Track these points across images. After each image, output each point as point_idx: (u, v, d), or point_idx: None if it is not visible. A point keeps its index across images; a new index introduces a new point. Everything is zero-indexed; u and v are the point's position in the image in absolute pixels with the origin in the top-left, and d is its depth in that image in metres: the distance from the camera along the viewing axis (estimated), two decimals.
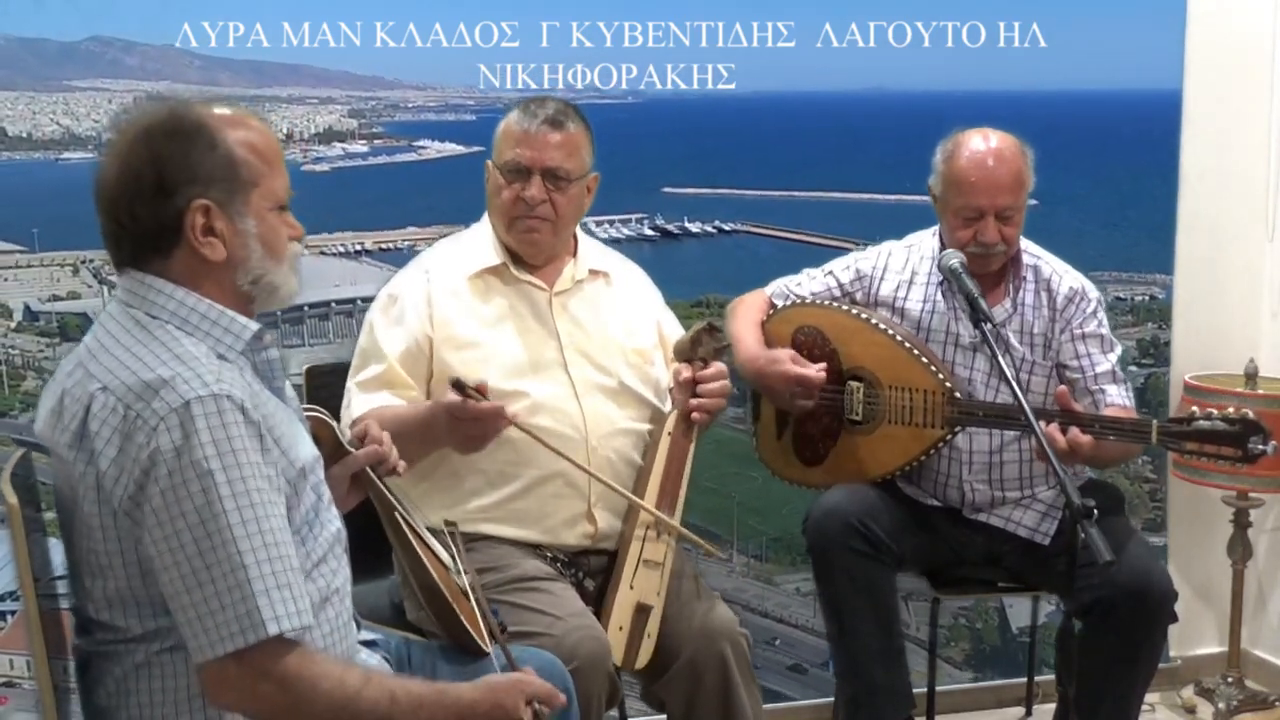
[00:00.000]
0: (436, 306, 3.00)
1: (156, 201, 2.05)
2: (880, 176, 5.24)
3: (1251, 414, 3.01)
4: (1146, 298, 4.98)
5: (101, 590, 2.06)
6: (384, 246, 4.90)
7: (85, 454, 2.00)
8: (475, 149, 5.07)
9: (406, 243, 4.88)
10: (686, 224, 5.27)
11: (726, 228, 5.31)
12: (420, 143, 5.14)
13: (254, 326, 2.13)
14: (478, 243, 3.12)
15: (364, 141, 5.06)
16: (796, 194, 5.25)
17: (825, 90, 4.88)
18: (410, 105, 5.12)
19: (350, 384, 3.02)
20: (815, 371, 3.36)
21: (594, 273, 3.18)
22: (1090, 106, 5.04)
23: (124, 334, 2.07)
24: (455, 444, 2.85)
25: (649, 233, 5.22)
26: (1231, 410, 3.03)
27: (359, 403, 2.96)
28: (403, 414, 2.90)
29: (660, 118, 4.87)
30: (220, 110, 2.13)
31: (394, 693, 2.06)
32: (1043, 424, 2.99)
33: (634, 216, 5.19)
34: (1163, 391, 4.66)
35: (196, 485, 1.93)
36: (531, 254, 3.07)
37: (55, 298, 4.38)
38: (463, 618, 2.46)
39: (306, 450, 2.17)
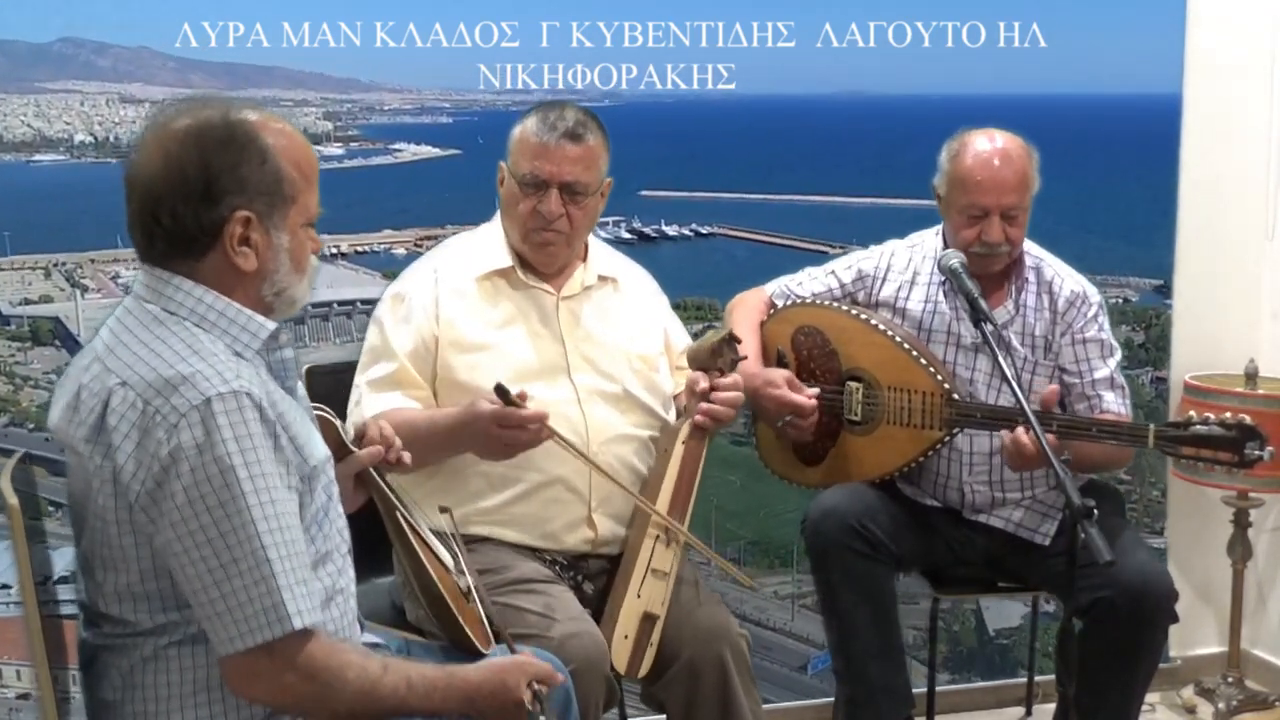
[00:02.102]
0: (443, 306, 2.97)
1: (201, 206, 2.04)
2: (859, 180, 5.27)
3: (1249, 419, 3.01)
4: (1120, 300, 5.02)
5: (113, 584, 2.05)
6: (360, 249, 4.89)
7: (102, 448, 1.99)
8: (451, 151, 5.07)
9: (383, 245, 4.87)
10: (664, 227, 5.30)
11: (703, 231, 5.33)
12: (396, 145, 5.13)
13: (270, 326, 2.13)
14: (488, 244, 3.08)
15: (339, 144, 5.05)
16: (773, 197, 5.28)
17: (804, 94, 4.89)
18: (386, 108, 5.11)
19: (360, 382, 2.98)
20: (808, 399, 3.34)
21: (602, 278, 3.14)
22: (1088, 111, 5.09)
23: (142, 329, 2.06)
24: (484, 451, 2.82)
25: (626, 236, 5.23)
26: (1229, 415, 3.03)
27: (371, 402, 2.92)
28: (422, 418, 2.87)
29: (637, 121, 4.87)
30: (269, 121, 2.13)
31: (410, 678, 2.12)
32: (1045, 435, 3.00)
33: (611, 220, 5.20)
34: (1138, 393, 4.69)
35: (220, 480, 1.94)
36: (546, 264, 3.03)
37: (27, 301, 4.34)
38: (461, 619, 2.45)
39: (319, 449, 2.17)
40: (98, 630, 2.10)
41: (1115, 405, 3.31)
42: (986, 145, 3.24)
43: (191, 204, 2.03)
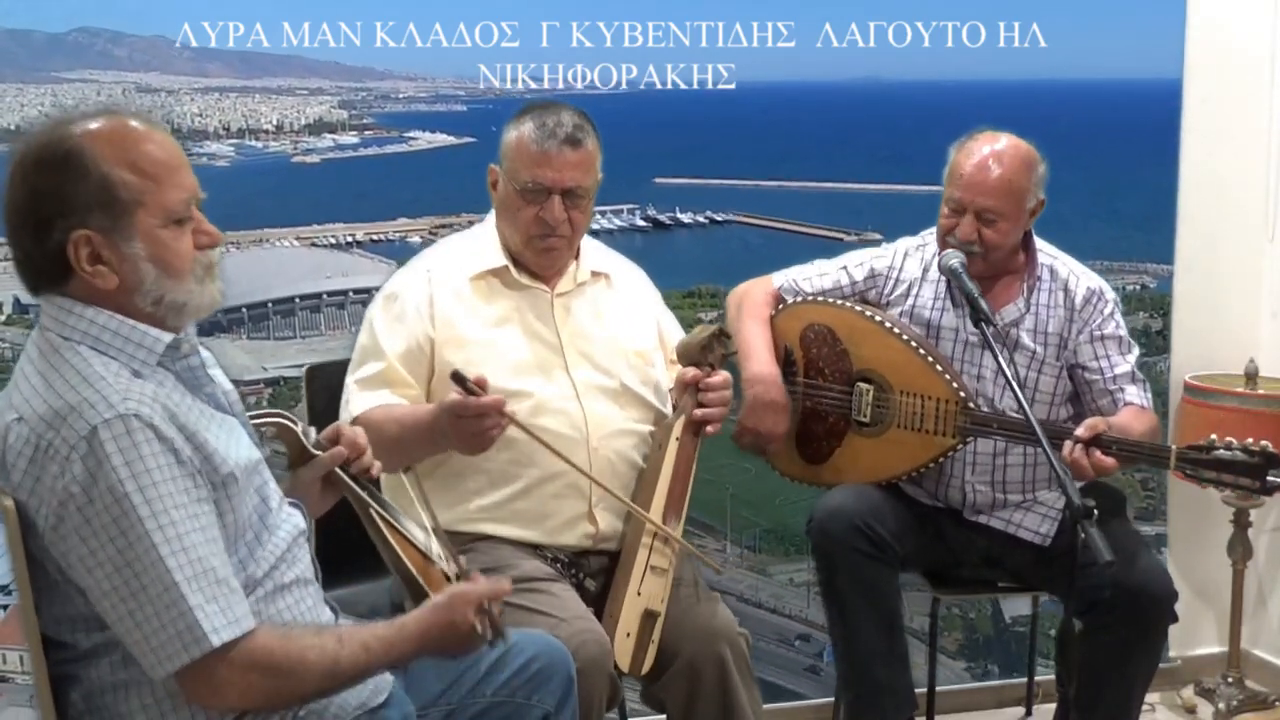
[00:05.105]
0: (439, 306, 2.97)
1: (38, 236, 2.00)
2: (872, 167, 5.25)
3: (1271, 446, 2.98)
4: (1138, 287, 4.98)
5: (49, 612, 2.06)
6: (375, 238, 4.89)
7: (9, 486, 1.99)
8: (466, 139, 5.07)
9: (398, 234, 4.87)
10: (678, 214, 5.28)
11: (718, 218, 5.31)
12: (411, 133, 5.13)
13: (166, 339, 2.07)
14: (480, 244, 3.09)
15: (354, 132, 5.04)
16: (787, 184, 5.26)
17: (817, 80, 4.87)
18: (401, 96, 5.11)
19: (349, 381, 2.99)
20: (782, 433, 3.37)
21: (595, 274, 3.15)
22: (1089, 96, 5.06)
23: (40, 359, 2.04)
24: (458, 445, 2.82)
25: (641, 223, 5.23)
26: (1251, 441, 3.00)
27: (358, 401, 2.94)
28: (406, 415, 2.88)
29: (652, 109, 4.85)
30: (103, 128, 2.03)
31: (366, 642, 2.11)
32: (1071, 447, 3.00)
33: (625, 207, 5.20)
34: (1157, 382, 4.65)
35: (116, 509, 1.92)
36: (548, 268, 3.05)
37: None
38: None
39: (241, 454, 2.12)
40: (50, 659, 2.08)
41: (1138, 399, 3.31)
42: (984, 145, 3.24)
43: (28, 236, 2.00)
